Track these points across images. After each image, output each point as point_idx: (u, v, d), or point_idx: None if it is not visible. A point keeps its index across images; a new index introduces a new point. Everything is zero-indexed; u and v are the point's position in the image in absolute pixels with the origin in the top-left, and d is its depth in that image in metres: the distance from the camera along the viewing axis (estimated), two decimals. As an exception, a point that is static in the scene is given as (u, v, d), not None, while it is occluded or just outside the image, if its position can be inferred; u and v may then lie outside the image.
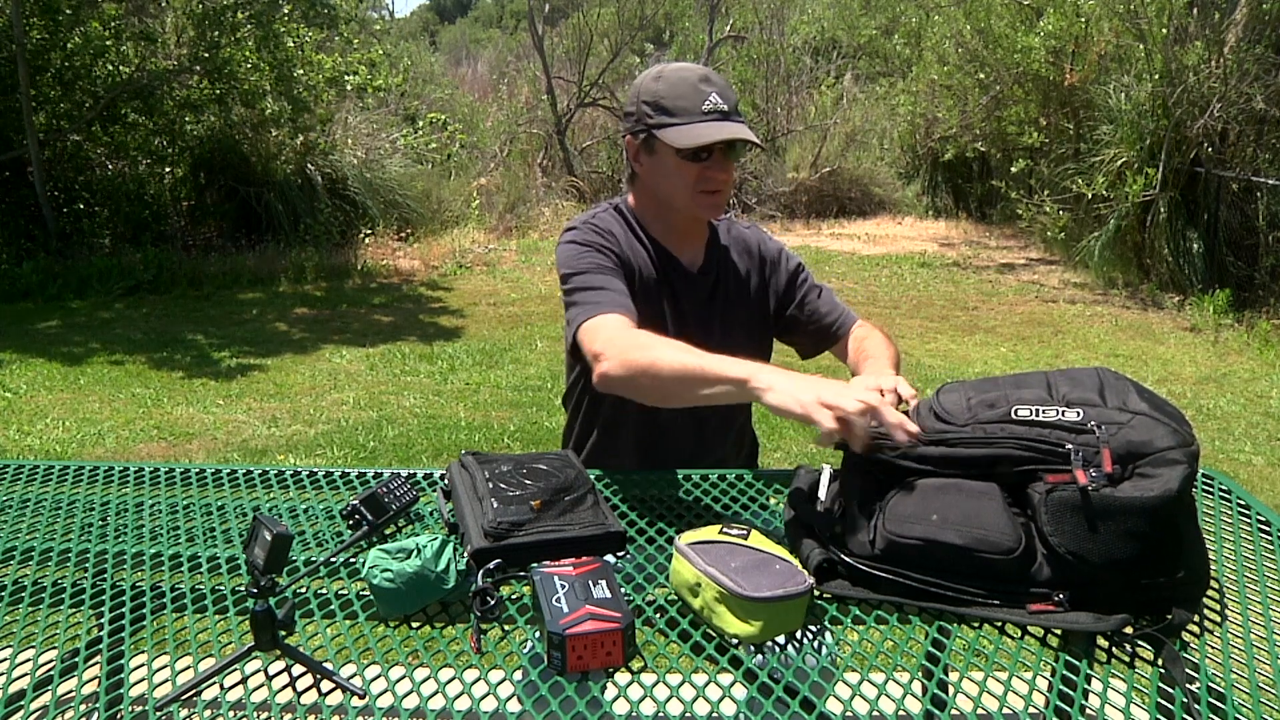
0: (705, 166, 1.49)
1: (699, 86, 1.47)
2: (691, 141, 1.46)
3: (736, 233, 1.71)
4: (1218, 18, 7.25)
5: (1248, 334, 6.31)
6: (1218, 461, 4.15)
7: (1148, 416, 1.07)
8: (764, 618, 1.03)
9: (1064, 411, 1.10)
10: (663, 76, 1.51)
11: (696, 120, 1.46)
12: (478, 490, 1.28)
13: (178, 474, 1.54)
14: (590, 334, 1.39)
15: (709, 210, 1.55)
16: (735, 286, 1.66)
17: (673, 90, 1.48)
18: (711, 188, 1.51)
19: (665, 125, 1.48)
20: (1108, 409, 1.10)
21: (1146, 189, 7.21)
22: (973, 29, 9.73)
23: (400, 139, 10.29)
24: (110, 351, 5.81)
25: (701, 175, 1.50)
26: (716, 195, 1.53)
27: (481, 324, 6.66)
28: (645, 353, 1.30)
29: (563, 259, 1.53)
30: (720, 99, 1.47)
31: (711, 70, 1.54)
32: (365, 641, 1.05)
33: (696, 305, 1.62)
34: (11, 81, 7.48)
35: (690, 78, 1.49)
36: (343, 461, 4.05)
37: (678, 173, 1.51)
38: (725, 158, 1.50)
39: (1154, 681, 0.98)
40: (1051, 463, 1.07)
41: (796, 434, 4.45)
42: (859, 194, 12.02)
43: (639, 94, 1.52)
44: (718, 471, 1.54)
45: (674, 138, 1.47)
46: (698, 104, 1.46)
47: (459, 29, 37.97)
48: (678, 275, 1.61)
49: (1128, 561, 1.03)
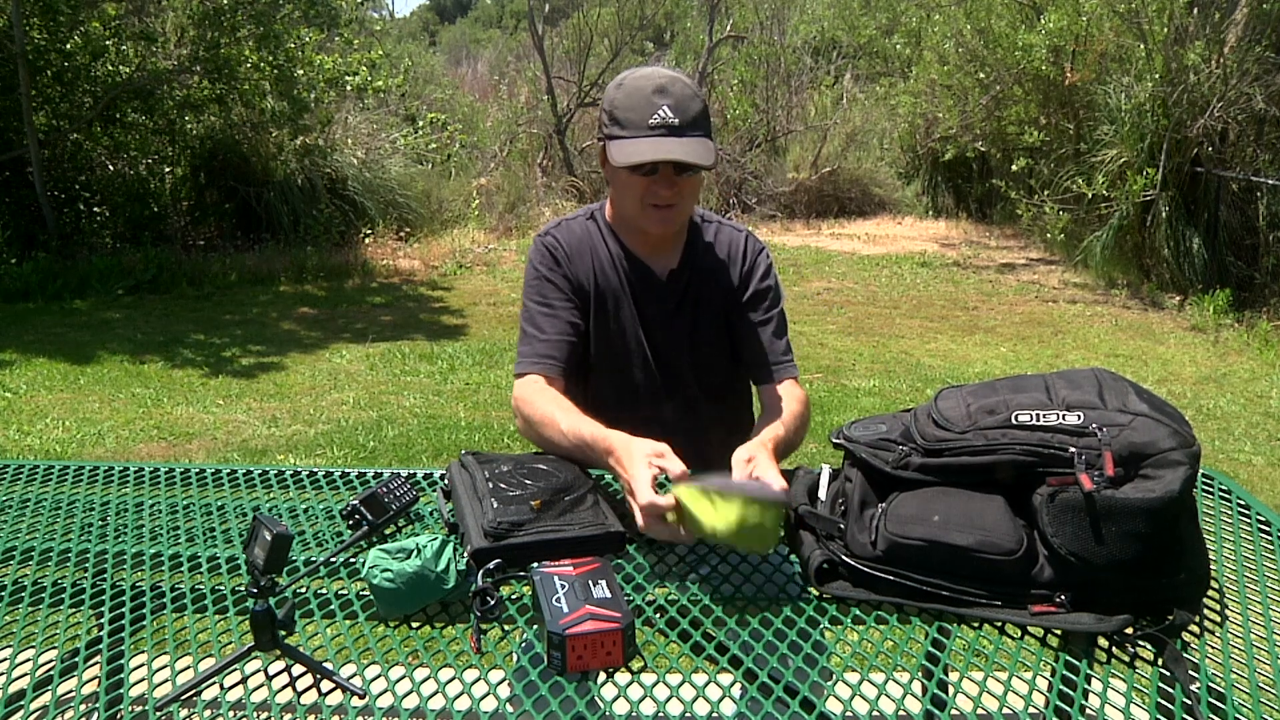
0: (652, 182, 1.46)
1: (651, 98, 1.42)
2: (627, 159, 1.43)
3: (724, 236, 1.65)
4: (1218, 18, 7.25)
5: (1248, 334, 6.30)
6: (1218, 461, 4.15)
7: (1148, 418, 1.07)
8: (738, 513, 1.08)
9: (1064, 415, 1.10)
10: (623, 84, 1.48)
11: (641, 135, 1.42)
12: (478, 490, 1.27)
13: (178, 474, 1.54)
14: (516, 392, 1.53)
15: (656, 225, 1.52)
16: (709, 291, 1.61)
17: (626, 100, 1.45)
18: (657, 202, 1.48)
19: (614, 137, 1.45)
20: (1108, 411, 1.10)
21: (1147, 189, 7.21)
22: (973, 28, 9.73)
23: (400, 139, 10.29)
24: (110, 351, 5.81)
25: (648, 190, 1.47)
26: (666, 210, 1.49)
27: (481, 324, 6.66)
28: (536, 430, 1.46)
29: (525, 276, 1.63)
30: (672, 112, 1.42)
31: (678, 79, 1.47)
32: (365, 641, 1.05)
33: (664, 312, 1.60)
34: (12, 81, 7.48)
35: (645, 88, 1.44)
36: (343, 461, 4.05)
37: (627, 185, 1.49)
38: (675, 174, 1.45)
39: (1154, 681, 0.98)
40: (1054, 466, 1.07)
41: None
42: (859, 194, 12.01)
43: (605, 101, 1.51)
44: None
45: (615, 153, 1.44)
46: (645, 117, 1.42)
47: (459, 29, 37.95)
48: (646, 283, 1.60)
49: (1129, 562, 1.03)
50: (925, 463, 1.14)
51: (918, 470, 1.14)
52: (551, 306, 1.56)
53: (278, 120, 8.49)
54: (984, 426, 1.13)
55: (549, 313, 1.56)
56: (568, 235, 1.61)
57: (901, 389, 5.16)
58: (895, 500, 1.13)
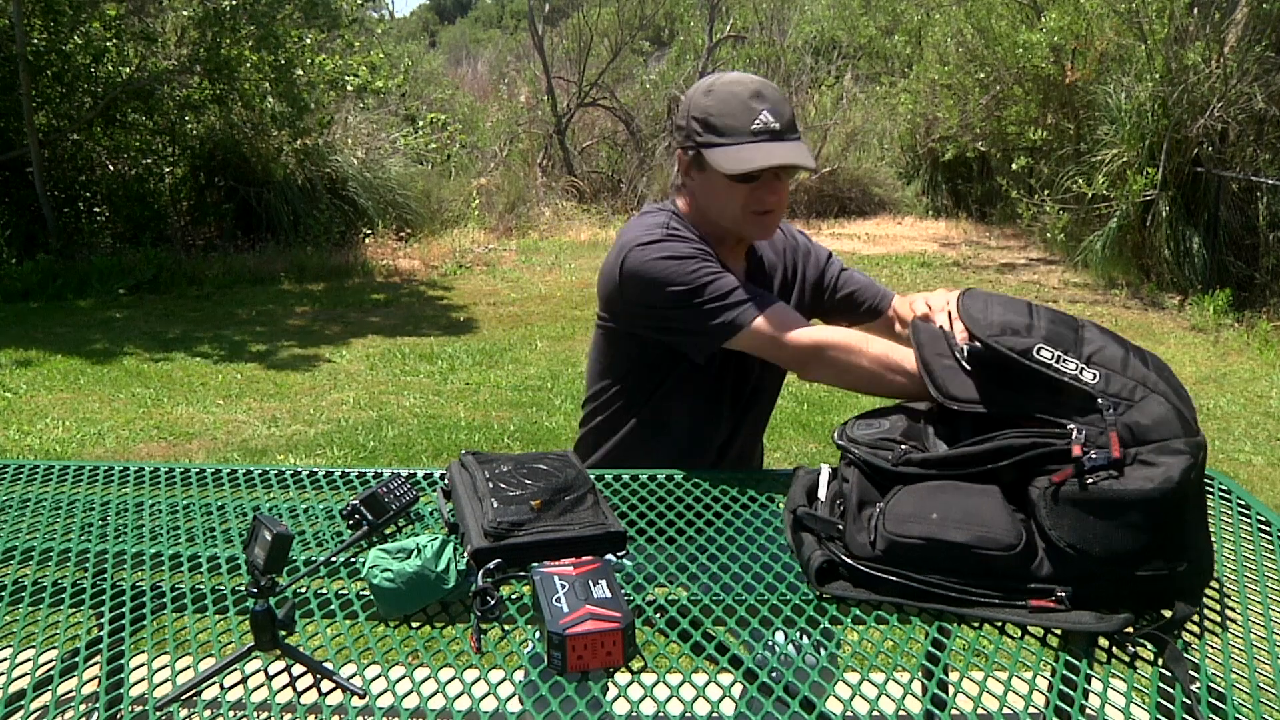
0: (755, 188, 1.44)
1: (749, 104, 1.41)
2: (738, 166, 1.40)
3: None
4: (1218, 18, 7.25)
5: (1248, 334, 6.30)
6: (1218, 461, 4.15)
7: (1162, 396, 1.06)
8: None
9: (1083, 369, 1.09)
10: (713, 91, 1.45)
11: (745, 141, 1.40)
12: (478, 490, 1.27)
13: (178, 474, 1.54)
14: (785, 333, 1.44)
15: (760, 231, 1.52)
16: (776, 290, 1.63)
17: (722, 107, 1.42)
18: (762, 209, 1.47)
19: (713, 145, 1.42)
20: (1124, 377, 1.08)
21: (1147, 189, 7.21)
22: (973, 28, 9.73)
23: (400, 139, 10.29)
24: (110, 351, 5.81)
25: (751, 197, 1.45)
26: (768, 216, 1.48)
27: (481, 324, 6.66)
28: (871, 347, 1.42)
29: (665, 274, 1.44)
30: (772, 116, 1.41)
31: (767, 83, 1.45)
32: (365, 641, 1.05)
33: None
34: (12, 82, 7.48)
35: (741, 94, 1.42)
36: (343, 461, 4.05)
37: (727, 194, 1.46)
38: (778, 179, 1.45)
39: (1154, 681, 0.98)
40: (1054, 443, 1.06)
41: (796, 434, 4.45)
42: (859, 194, 12.01)
43: (689, 108, 1.47)
44: (717, 473, 1.54)
45: (721, 160, 1.41)
46: (747, 123, 1.40)
47: (459, 29, 37.95)
48: None
49: (1128, 553, 1.03)
50: (927, 457, 1.14)
51: (919, 466, 1.14)
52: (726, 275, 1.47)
53: (278, 121, 8.50)
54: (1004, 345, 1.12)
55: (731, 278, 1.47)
56: (682, 233, 1.51)
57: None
58: (892, 499, 1.12)
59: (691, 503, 1.42)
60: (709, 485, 1.49)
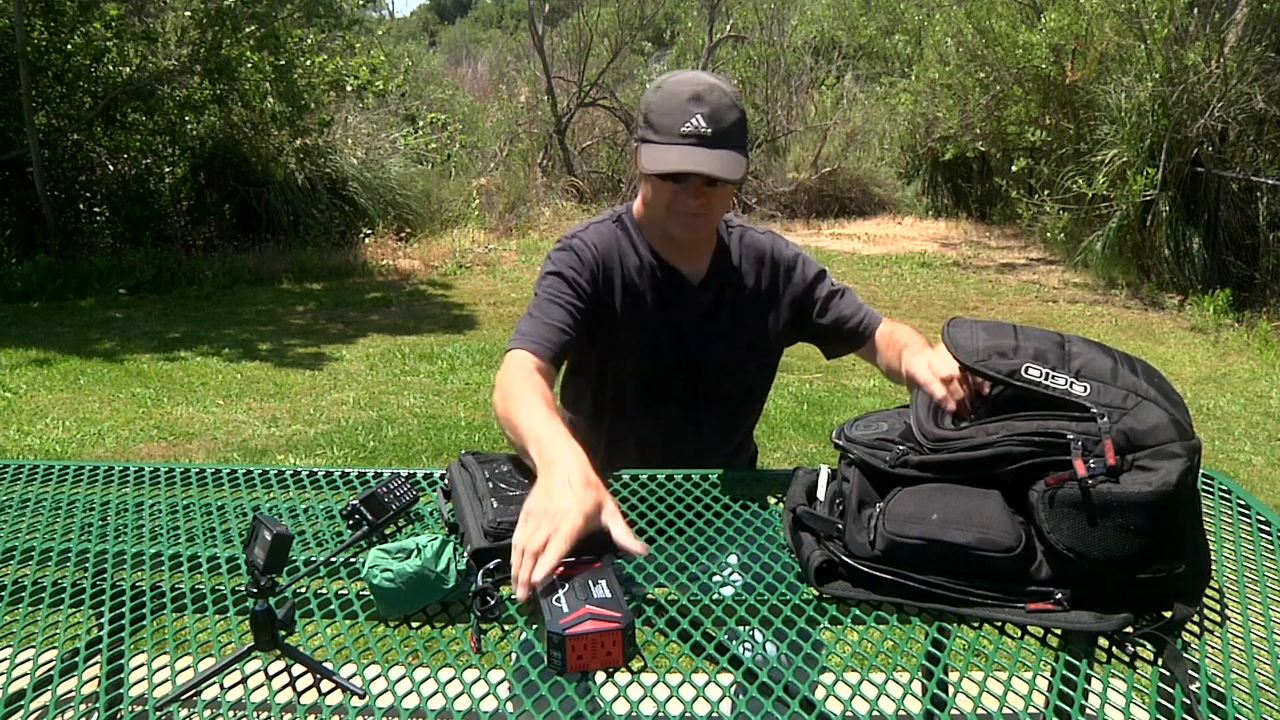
0: (679, 190, 1.44)
1: (686, 106, 1.40)
2: (653, 166, 1.41)
3: (749, 240, 1.65)
4: (1218, 18, 7.25)
5: (1248, 334, 6.30)
6: (1218, 461, 4.15)
7: (1154, 403, 1.06)
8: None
9: (1073, 383, 1.09)
10: (662, 88, 1.46)
11: (671, 142, 1.40)
12: (478, 490, 1.27)
13: (178, 474, 1.54)
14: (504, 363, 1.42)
15: (683, 231, 1.50)
16: (742, 299, 1.62)
17: (662, 105, 1.43)
18: (684, 210, 1.46)
19: (647, 141, 1.44)
20: (1115, 387, 1.08)
21: (1147, 189, 7.21)
22: (974, 28, 9.73)
23: (400, 139, 10.30)
24: (110, 351, 5.81)
25: (674, 197, 1.45)
26: (694, 218, 1.47)
27: (481, 324, 6.66)
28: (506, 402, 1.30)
29: (541, 270, 1.56)
30: (704, 122, 1.39)
31: (718, 84, 1.44)
32: (365, 641, 1.05)
33: (697, 318, 1.59)
34: (12, 81, 7.48)
35: (682, 94, 1.41)
36: (343, 461, 4.05)
37: (655, 191, 1.48)
38: (703, 184, 1.43)
39: (1154, 681, 0.98)
40: (1053, 453, 1.06)
41: (796, 434, 4.45)
42: (859, 194, 12.02)
43: (642, 102, 1.49)
44: (716, 472, 1.54)
45: (645, 157, 1.43)
46: (678, 125, 1.40)
47: (459, 29, 37.96)
48: (677, 288, 1.58)
49: (1126, 557, 1.03)
50: (926, 459, 1.14)
51: (916, 468, 1.14)
52: (558, 298, 1.50)
53: (278, 121, 8.50)
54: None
55: (554, 301, 1.50)
56: (597, 239, 1.57)
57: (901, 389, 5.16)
58: (893, 499, 1.12)
59: (691, 503, 1.42)
60: (709, 485, 1.49)
